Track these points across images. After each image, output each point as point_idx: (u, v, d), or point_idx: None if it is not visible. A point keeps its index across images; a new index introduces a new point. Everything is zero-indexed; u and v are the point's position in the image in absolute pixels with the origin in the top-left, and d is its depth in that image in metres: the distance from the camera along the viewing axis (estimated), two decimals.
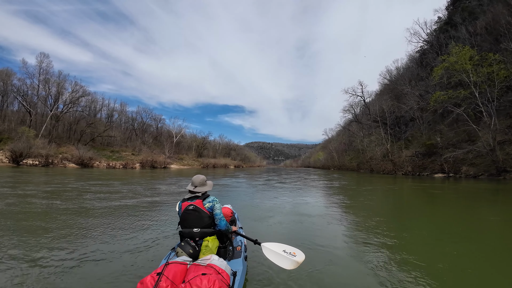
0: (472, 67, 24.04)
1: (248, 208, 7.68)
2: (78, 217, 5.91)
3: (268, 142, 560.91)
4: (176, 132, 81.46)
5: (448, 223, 6.30)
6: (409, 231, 5.40)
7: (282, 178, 25.41)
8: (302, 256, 2.37)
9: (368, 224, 5.86)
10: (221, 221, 2.56)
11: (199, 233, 2.50)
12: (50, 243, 3.99)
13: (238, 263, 2.52)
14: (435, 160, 29.44)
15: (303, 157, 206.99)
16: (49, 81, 51.52)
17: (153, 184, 15.59)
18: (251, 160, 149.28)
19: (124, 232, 4.76)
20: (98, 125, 58.82)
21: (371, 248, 4.10)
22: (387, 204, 10.01)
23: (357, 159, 56.35)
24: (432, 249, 4.20)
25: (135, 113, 75.01)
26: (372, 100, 58.41)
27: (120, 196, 9.45)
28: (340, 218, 6.50)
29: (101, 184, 13.88)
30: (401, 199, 11.45)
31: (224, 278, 1.89)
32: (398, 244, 4.32)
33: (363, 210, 7.97)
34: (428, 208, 8.76)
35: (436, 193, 13.01)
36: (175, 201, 8.37)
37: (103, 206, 7.38)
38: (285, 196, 11.17)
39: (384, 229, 5.35)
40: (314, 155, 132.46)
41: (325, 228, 5.53)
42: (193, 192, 2.67)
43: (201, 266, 1.93)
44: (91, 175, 21.25)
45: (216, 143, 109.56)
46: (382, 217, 6.82)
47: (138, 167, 42.15)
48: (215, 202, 2.63)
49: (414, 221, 6.52)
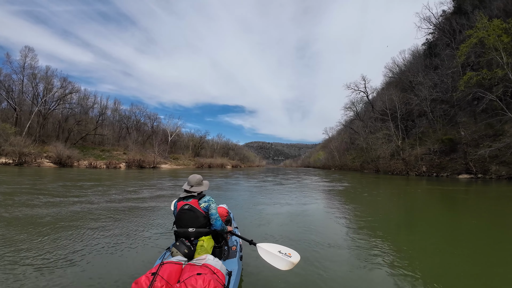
0: (506, 45, 20.57)
1: (243, 209, 7.46)
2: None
3: (268, 142, 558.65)
4: (171, 131, 78.96)
5: (477, 238, 5.06)
6: (426, 245, 4.47)
7: (278, 179, 22.65)
8: (297, 257, 2.36)
9: (373, 230, 5.23)
10: (216, 221, 2.55)
11: (194, 233, 2.47)
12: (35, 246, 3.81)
13: (233, 263, 2.52)
14: (454, 158, 25.88)
15: (303, 157, 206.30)
16: (36, 77, 48.57)
17: (118, 185, 12.82)
18: (250, 160, 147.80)
19: (119, 233, 4.65)
20: (88, 123, 55.91)
21: (371, 257, 3.71)
22: (408, 213, 7.88)
23: (360, 159, 53.38)
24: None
25: (128, 111, 72.31)
26: (378, 94, 55.37)
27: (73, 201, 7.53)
28: (342, 222, 6.03)
29: (65, 186, 11.58)
30: (426, 207, 9.04)
31: (219, 278, 1.88)
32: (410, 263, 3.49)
33: (370, 215, 7.06)
34: (459, 217, 7.30)
35: (466, 199, 11.08)
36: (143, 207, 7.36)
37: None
38: (281, 199, 9.94)
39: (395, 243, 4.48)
40: (314, 155, 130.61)
41: (324, 231, 5.22)
42: (189, 191, 2.63)
43: (196, 266, 1.92)
44: (60, 176, 18.38)
45: (214, 142, 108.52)
46: (394, 227, 5.91)
47: (124, 167, 39.10)
48: (210, 202, 2.61)
49: (432, 233, 5.24)
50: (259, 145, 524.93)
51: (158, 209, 7.12)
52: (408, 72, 41.66)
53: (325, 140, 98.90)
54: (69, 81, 52.21)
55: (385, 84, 52.39)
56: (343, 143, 72.33)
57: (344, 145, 71.35)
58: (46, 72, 50.30)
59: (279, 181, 19.93)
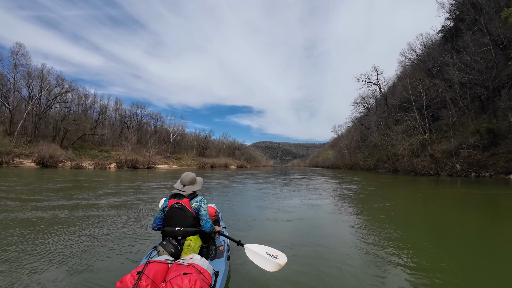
0: None
1: (233, 210, 6.93)
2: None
3: (276, 142, 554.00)
4: (174, 130, 76.61)
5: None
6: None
7: (280, 180, 19.24)
8: (284, 258, 2.38)
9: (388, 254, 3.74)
10: (206, 223, 2.49)
11: (181, 232, 2.42)
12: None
13: (220, 263, 2.51)
14: (496, 153, 21.15)
15: (311, 156, 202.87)
16: (30, 75, 46.44)
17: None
18: (256, 159, 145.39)
19: (103, 230, 4.60)
20: (84, 122, 53.65)
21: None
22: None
23: (374, 157, 49.08)
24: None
25: (129, 111, 70.14)
26: (394, 83, 50.87)
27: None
28: (350, 234, 4.80)
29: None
30: (462, 220, 6.35)
31: (205, 278, 1.86)
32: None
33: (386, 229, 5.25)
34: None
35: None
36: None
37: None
38: (277, 204, 8.41)
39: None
40: (322, 154, 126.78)
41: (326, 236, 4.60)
42: (181, 191, 2.58)
43: (182, 266, 1.88)
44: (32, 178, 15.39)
45: (219, 142, 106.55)
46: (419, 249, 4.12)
47: (114, 167, 36.17)
48: (202, 203, 2.56)
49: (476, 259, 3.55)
50: (266, 145, 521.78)
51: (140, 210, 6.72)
52: (429, 57, 37.01)
53: (333, 138, 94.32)
54: (64, 79, 50.25)
55: (401, 73, 47.79)
56: (354, 141, 68.00)
57: (354, 143, 66.97)
58: (42, 70, 48.20)
59: (281, 183, 16.98)
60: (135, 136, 51.46)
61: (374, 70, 53.28)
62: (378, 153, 46.92)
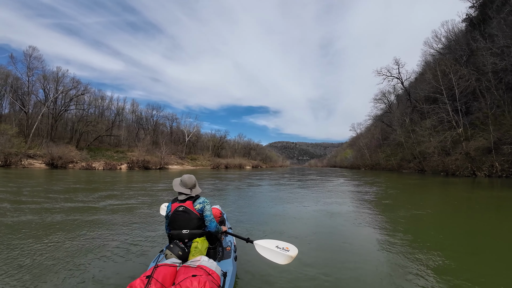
0: None
1: (236, 217, 6.21)
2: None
3: (292, 142, 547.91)
4: (189, 131, 76.74)
5: None
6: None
7: (294, 181, 17.54)
8: (295, 250, 2.33)
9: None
10: (211, 223, 2.47)
11: (188, 234, 2.41)
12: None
13: (228, 264, 2.50)
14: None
15: (329, 156, 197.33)
16: (46, 78, 47.67)
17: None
18: (272, 160, 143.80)
19: (111, 235, 4.48)
20: (102, 125, 54.46)
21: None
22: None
23: (398, 156, 45.70)
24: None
25: (145, 112, 70.89)
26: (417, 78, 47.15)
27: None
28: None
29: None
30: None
31: (214, 279, 1.85)
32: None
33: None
34: None
35: None
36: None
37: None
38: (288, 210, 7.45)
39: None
40: (340, 153, 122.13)
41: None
42: (185, 194, 2.53)
43: (191, 268, 1.88)
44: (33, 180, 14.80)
45: (235, 142, 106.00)
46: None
47: (125, 168, 35.85)
48: (205, 204, 2.53)
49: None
50: (283, 145, 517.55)
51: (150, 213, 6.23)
52: (456, 44, 33.51)
53: (352, 137, 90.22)
54: (80, 81, 51.13)
55: (425, 64, 44.06)
56: (374, 139, 64.31)
57: (375, 142, 63.32)
58: (57, 73, 49.34)
59: (295, 185, 15.50)
60: (149, 136, 51.36)
61: (396, 63, 49.72)
62: (402, 151, 43.53)
